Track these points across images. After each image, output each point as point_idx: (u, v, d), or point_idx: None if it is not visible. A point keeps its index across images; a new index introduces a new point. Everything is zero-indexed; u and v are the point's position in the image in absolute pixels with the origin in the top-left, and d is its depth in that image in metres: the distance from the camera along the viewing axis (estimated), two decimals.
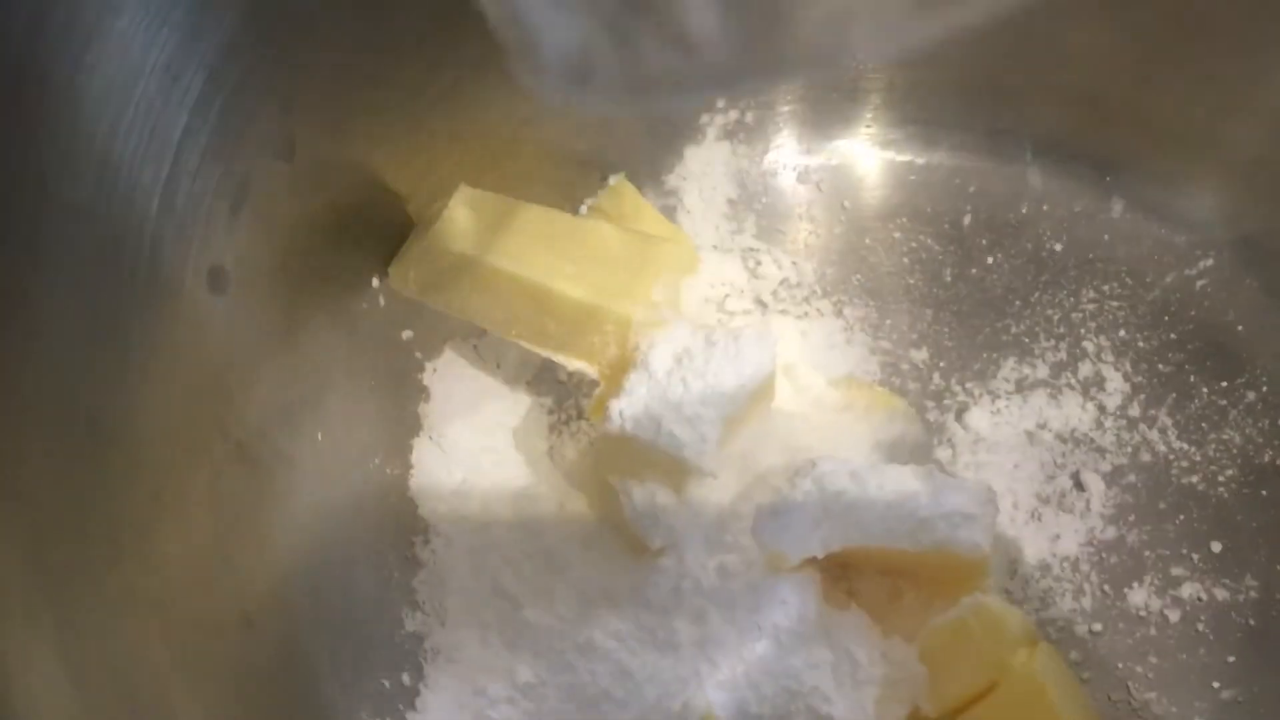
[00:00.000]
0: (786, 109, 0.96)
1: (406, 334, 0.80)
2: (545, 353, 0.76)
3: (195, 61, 0.57)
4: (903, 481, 0.68)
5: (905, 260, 0.92)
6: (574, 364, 0.75)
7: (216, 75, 0.59)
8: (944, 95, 0.94)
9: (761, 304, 0.90)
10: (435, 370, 0.82)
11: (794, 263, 0.92)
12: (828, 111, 0.96)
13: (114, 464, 0.50)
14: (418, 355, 0.80)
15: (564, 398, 0.83)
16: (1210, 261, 0.90)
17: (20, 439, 0.46)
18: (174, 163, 0.57)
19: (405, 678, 0.70)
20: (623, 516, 0.69)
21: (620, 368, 0.71)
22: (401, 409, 0.79)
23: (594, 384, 0.75)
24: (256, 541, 0.60)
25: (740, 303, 0.89)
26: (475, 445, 0.77)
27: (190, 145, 0.58)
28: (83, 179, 0.51)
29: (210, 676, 0.53)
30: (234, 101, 0.61)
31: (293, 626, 0.61)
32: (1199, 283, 0.89)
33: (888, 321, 0.90)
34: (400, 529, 0.74)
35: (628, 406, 0.68)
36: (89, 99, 0.51)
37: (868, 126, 0.96)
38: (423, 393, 0.81)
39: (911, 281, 0.92)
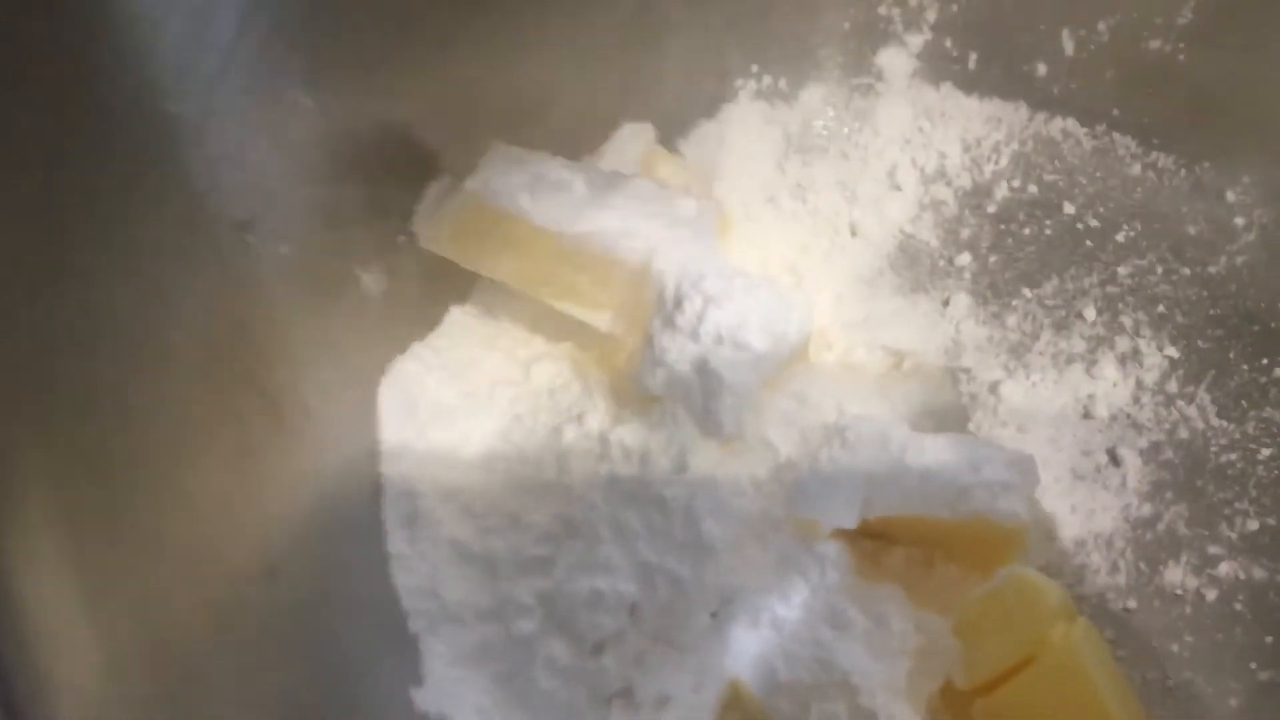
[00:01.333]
0: (821, 72, 0.94)
1: (433, 289, 0.78)
2: (573, 310, 0.74)
3: (226, 5, 0.56)
4: (941, 449, 0.67)
5: (941, 229, 0.91)
6: (602, 320, 0.73)
7: (246, 20, 0.57)
8: (983, 60, 0.93)
9: (795, 269, 0.88)
10: (446, 325, 0.80)
11: (828, 226, 0.90)
12: (862, 74, 0.95)
13: (138, 402, 0.48)
14: (443, 310, 0.78)
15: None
16: (1252, 237, 0.88)
17: (45, 368, 0.44)
18: (204, 105, 0.55)
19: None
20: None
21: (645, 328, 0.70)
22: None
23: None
24: (282, 493, 0.59)
25: (774, 266, 0.87)
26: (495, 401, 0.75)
27: (221, 88, 0.57)
28: (115, 117, 0.49)
29: (235, 625, 0.52)
30: (264, 46, 0.60)
31: (315, 579, 0.60)
32: (1240, 258, 0.88)
33: (922, 290, 0.88)
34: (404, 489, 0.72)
35: (658, 368, 0.67)
36: (121, 38, 0.50)
37: (903, 88, 0.94)
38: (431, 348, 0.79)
39: (946, 251, 0.90)
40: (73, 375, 0.45)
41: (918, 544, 0.72)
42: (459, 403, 0.74)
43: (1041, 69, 0.92)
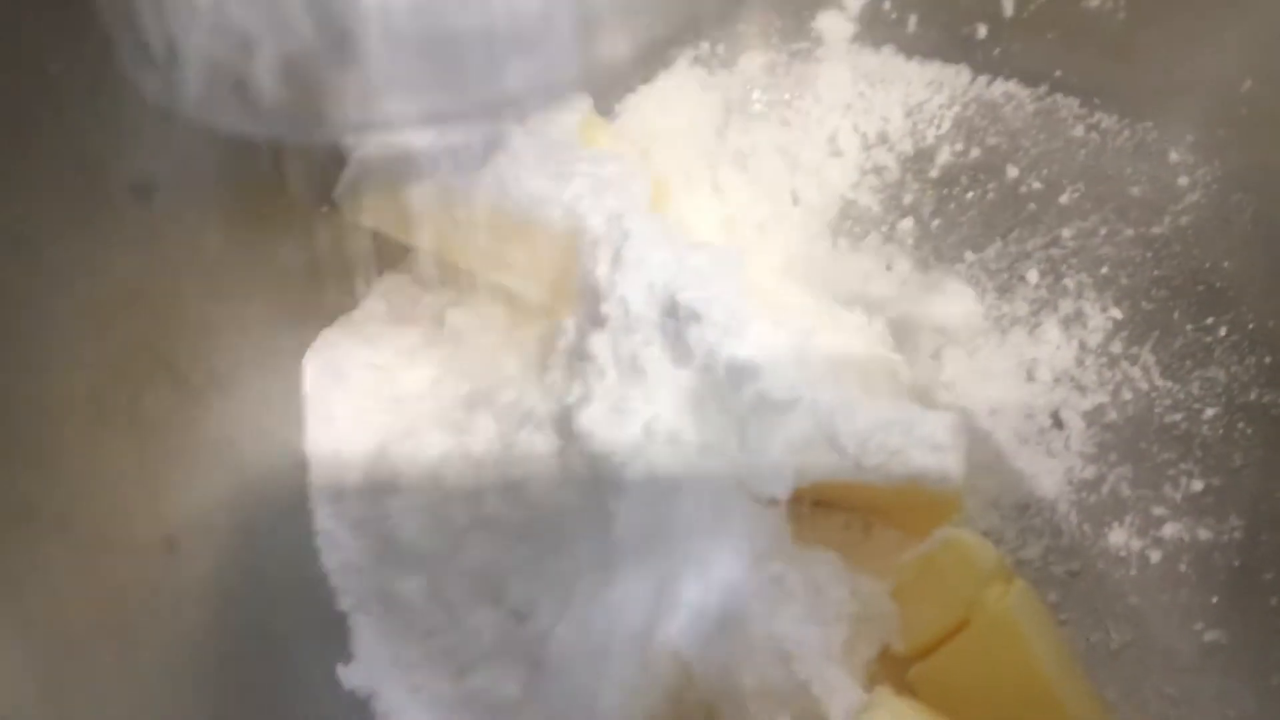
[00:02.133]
0: (760, 38, 0.93)
1: (351, 256, 0.76)
2: (504, 280, 0.73)
3: None
4: (870, 414, 0.66)
5: (883, 195, 0.90)
6: (532, 289, 0.72)
7: None
8: (922, 22, 0.91)
9: (736, 238, 0.87)
10: (373, 296, 0.79)
11: (769, 194, 0.89)
12: (801, 39, 0.93)
13: (15, 366, 0.46)
14: (359, 280, 0.77)
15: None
16: (1196, 197, 0.87)
17: None
18: (100, 64, 0.53)
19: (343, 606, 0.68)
20: None
21: (576, 293, 0.68)
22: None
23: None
24: (184, 464, 0.57)
25: (711, 234, 0.86)
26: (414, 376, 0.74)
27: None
28: None
29: (123, 599, 0.50)
30: None
31: (223, 554, 0.58)
32: (1184, 218, 0.87)
33: (862, 254, 0.87)
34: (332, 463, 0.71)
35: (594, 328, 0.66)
36: None
37: (843, 52, 0.93)
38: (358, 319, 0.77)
39: (889, 216, 0.89)
40: None
41: (854, 509, 0.71)
42: (387, 373, 0.73)
43: (982, 31, 0.91)
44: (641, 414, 0.66)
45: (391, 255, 0.77)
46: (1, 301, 0.47)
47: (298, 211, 0.71)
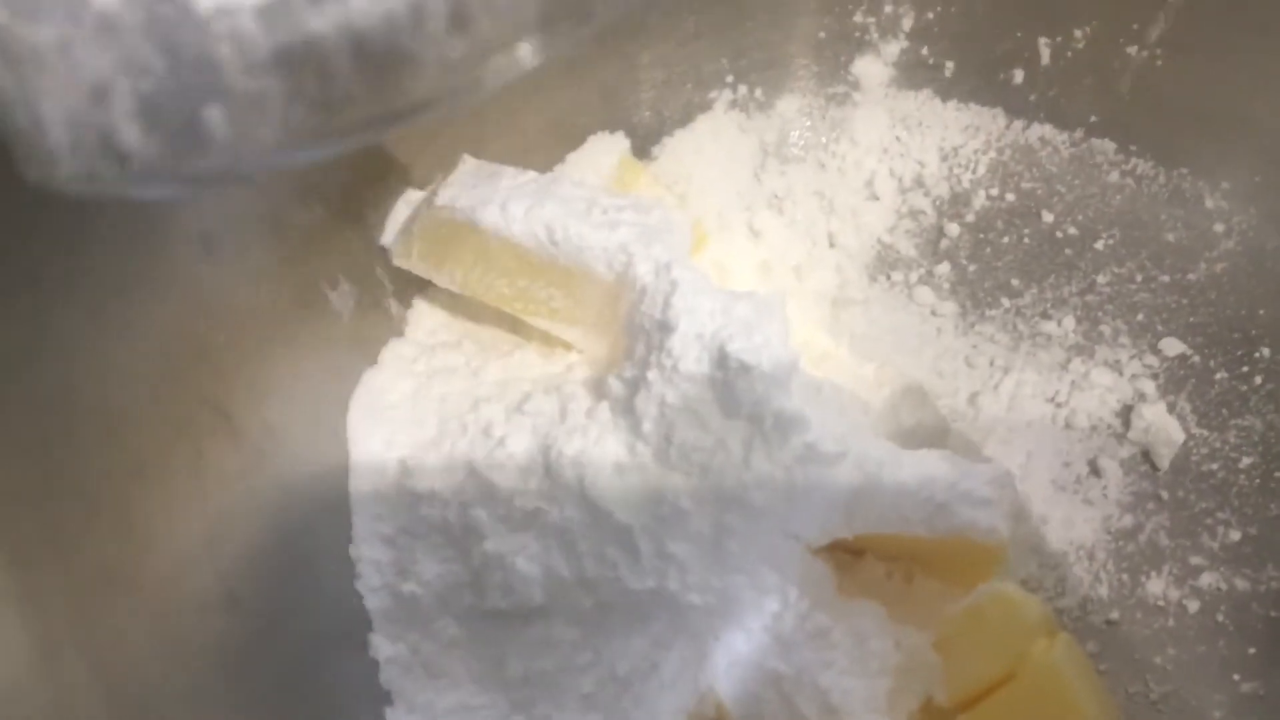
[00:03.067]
0: (797, 81, 0.94)
1: (403, 308, 0.77)
2: (547, 325, 0.73)
3: None
4: (918, 465, 0.66)
5: (919, 239, 0.90)
6: (574, 335, 0.73)
7: None
8: (959, 68, 0.92)
9: (773, 281, 0.87)
10: (424, 330, 0.79)
11: (806, 237, 0.89)
12: (838, 83, 0.94)
13: (89, 434, 0.47)
14: (409, 330, 0.77)
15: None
16: (1231, 244, 0.88)
17: None
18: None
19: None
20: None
21: (620, 340, 0.69)
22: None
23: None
24: (244, 517, 0.57)
25: (751, 278, 0.86)
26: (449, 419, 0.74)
27: None
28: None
29: (192, 658, 0.51)
30: None
31: (278, 605, 0.59)
32: (1219, 265, 0.87)
33: (900, 300, 0.88)
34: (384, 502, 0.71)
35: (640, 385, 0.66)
36: None
37: (880, 97, 0.93)
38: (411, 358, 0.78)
39: (925, 261, 0.89)
40: (20, 401, 0.44)
41: (897, 559, 0.72)
42: (430, 413, 0.73)
43: (1019, 76, 0.91)
44: (691, 463, 0.66)
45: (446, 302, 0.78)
46: (73, 362, 0.47)
47: (344, 261, 0.71)
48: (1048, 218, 0.90)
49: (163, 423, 0.52)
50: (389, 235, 0.75)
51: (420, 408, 0.74)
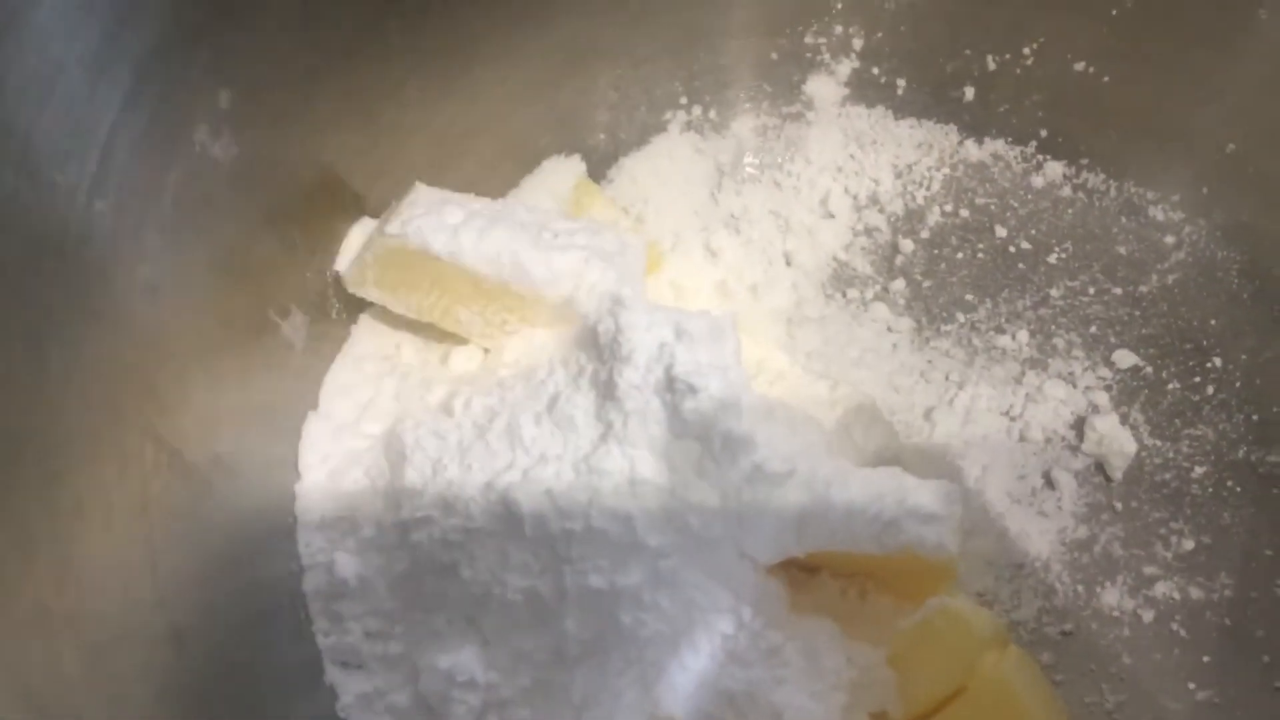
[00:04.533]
0: (751, 102, 0.95)
1: (354, 334, 0.78)
2: (489, 343, 0.74)
3: (122, 55, 0.55)
4: (866, 483, 0.66)
5: (874, 256, 0.91)
6: (516, 348, 0.74)
7: (145, 70, 0.57)
8: (910, 86, 0.93)
9: (729, 300, 0.88)
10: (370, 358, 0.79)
11: (762, 256, 0.90)
12: (792, 102, 0.95)
13: (28, 476, 0.47)
14: (355, 348, 0.78)
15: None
16: (1182, 255, 0.89)
17: None
18: (101, 161, 0.55)
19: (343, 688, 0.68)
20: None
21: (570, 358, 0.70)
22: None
23: None
24: (190, 550, 0.57)
25: (707, 298, 0.87)
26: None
27: (120, 142, 0.56)
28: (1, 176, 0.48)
29: (134, 696, 0.51)
30: (165, 97, 0.59)
31: (228, 638, 0.59)
32: (1170, 277, 0.88)
33: (856, 317, 0.88)
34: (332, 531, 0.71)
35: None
36: (6, 93, 0.49)
37: (833, 116, 0.94)
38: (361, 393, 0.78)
39: (880, 277, 0.90)
40: None
41: (851, 576, 0.72)
42: (379, 434, 0.73)
43: (969, 93, 0.92)
44: (642, 483, 0.66)
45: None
46: (12, 401, 0.48)
47: (295, 290, 0.72)
48: (1001, 232, 0.91)
49: (106, 460, 0.52)
50: (343, 262, 0.75)
51: (368, 428, 0.74)
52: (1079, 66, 0.89)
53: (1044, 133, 0.92)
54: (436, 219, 0.72)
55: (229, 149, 0.63)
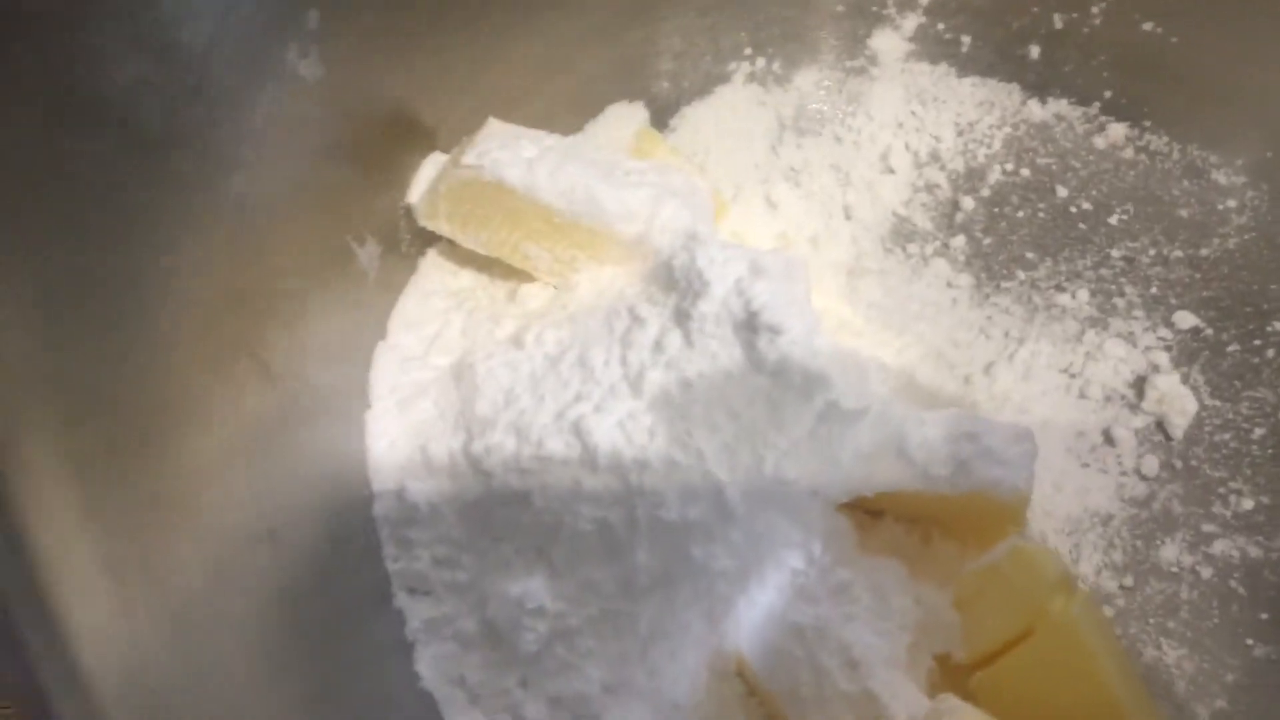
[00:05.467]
0: (815, 55, 0.95)
1: (421, 268, 0.78)
2: (557, 280, 0.75)
3: None
4: (939, 424, 0.66)
5: (934, 213, 0.91)
6: (580, 286, 0.74)
7: None
8: (975, 43, 0.93)
9: (787, 246, 0.88)
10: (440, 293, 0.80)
11: (822, 210, 0.90)
12: (856, 56, 0.95)
13: (138, 358, 0.48)
14: (425, 281, 0.78)
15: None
16: (1244, 220, 0.88)
17: (48, 326, 0.44)
18: (198, 69, 0.55)
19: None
20: None
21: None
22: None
23: None
24: (279, 460, 0.58)
25: (767, 247, 0.87)
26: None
27: (215, 54, 0.56)
28: (113, 83, 0.49)
29: (240, 586, 0.52)
30: (258, 12, 0.59)
31: (314, 549, 0.60)
32: (1232, 240, 0.88)
33: (916, 272, 0.88)
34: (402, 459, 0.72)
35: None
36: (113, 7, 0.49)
37: (896, 71, 0.94)
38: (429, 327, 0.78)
39: (940, 234, 0.90)
40: (73, 333, 0.45)
41: (916, 521, 0.72)
42: (448, 365, 0.74)
43: (1034, 52, 0.92)
44: (715, 418, 0.67)
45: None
46: (124, 297, 0.48)
47: (371, 219, 0.72)
48: (1062, 192, 0.91)
49: (205, 365, 0.53)
50: (415, 194, 0.76)
51: (436, 360, 0.75)
52: (1147, 27, 0.88)
53: (1108, 94, 0.92)
54: (511, 152, 0.72)
55: (315, 69, 0.63)
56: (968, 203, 0.91)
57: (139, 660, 0.43)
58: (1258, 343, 0.84)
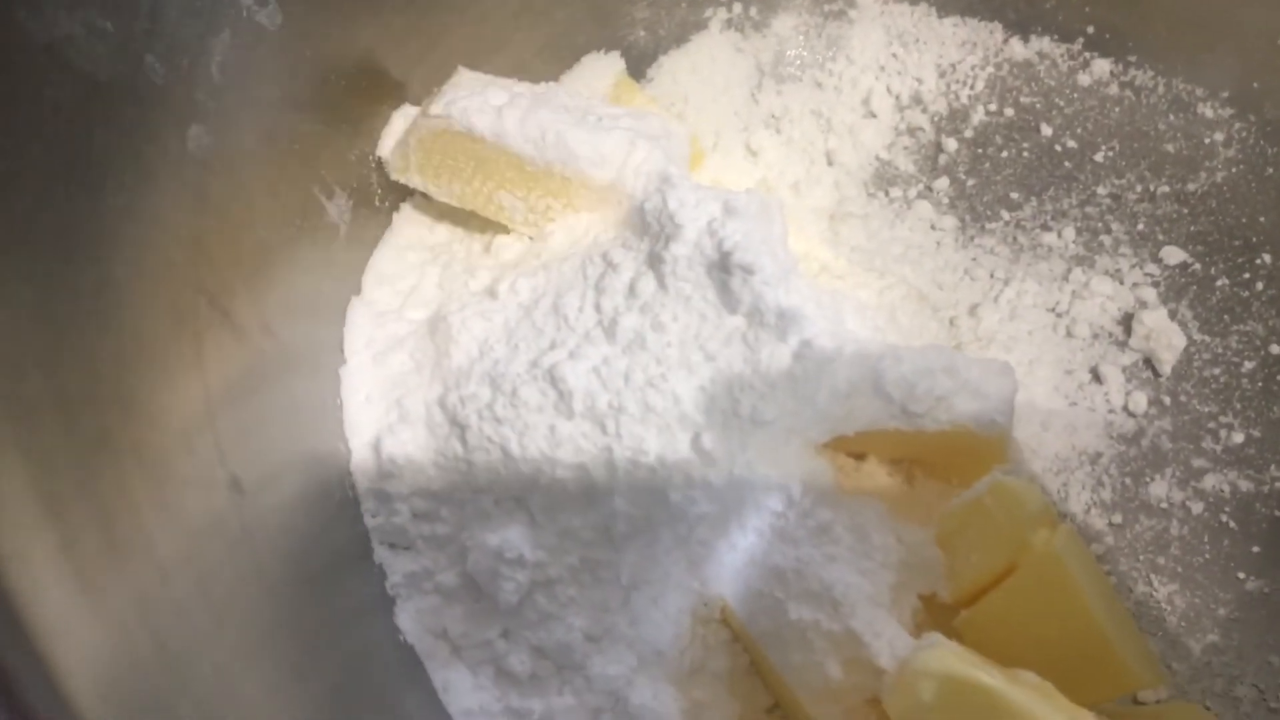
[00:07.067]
0: (792, 1, 0.93)
1: (395, 222, 0.78)
2: (529, 230, 0.74)
3: None
4: (918, 359, 0.65)
5: (917, 155, 0.90)
6: (555, 235, 0.73)
7: None
8: None
9: (768, 193, 0.87)
10: (417, 257, 0.79)
11: (804, 155, 0.89)
12: (833, 0, 0.94)
13: (89, 301, 0.47)
14: (398, 235, 0.77)
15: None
16: (1231, 153, 0.87)
17: None
18: (152, 14, 0.54)
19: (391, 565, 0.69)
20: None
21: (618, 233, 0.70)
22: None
23: None
24: (245, 410, 0.57)
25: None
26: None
27: (167, 5, 0.55)
28: (55, 16, 0.48)
29: (212, 552, 0.51)
30: None
31: (285, 503, 0.59)
32: (1219, 174, 0.87)
33: (899, 215, 0.87)
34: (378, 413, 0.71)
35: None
36: None
37: (875, 13, 0.93)
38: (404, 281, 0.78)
39: (923, 176, 0.89)
40: (20, 270, 0.44)
41: (898, 462, 0.71)
42: (424, 318, 0.73)
43: None
44: (690, 360, 0.66)
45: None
46: (73, 242, 0.47)
47: (340, 171, 0.71)
48: (1046, 131, 0.90)
49: (164, 310, 0.52)
50: (385, 147, 0.75)
51: (412, 314, 0.74)
52: None
53: (1091, 29, 0.90)
54: (480, 100, 0.72)
55: (274, 17, 0.63)
56: (951, 144, 0.90)
57: (108, 640, 0.43)
58: (1246, 276, 0.83)
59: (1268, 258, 0.83)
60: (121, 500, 0.46)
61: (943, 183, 0.88)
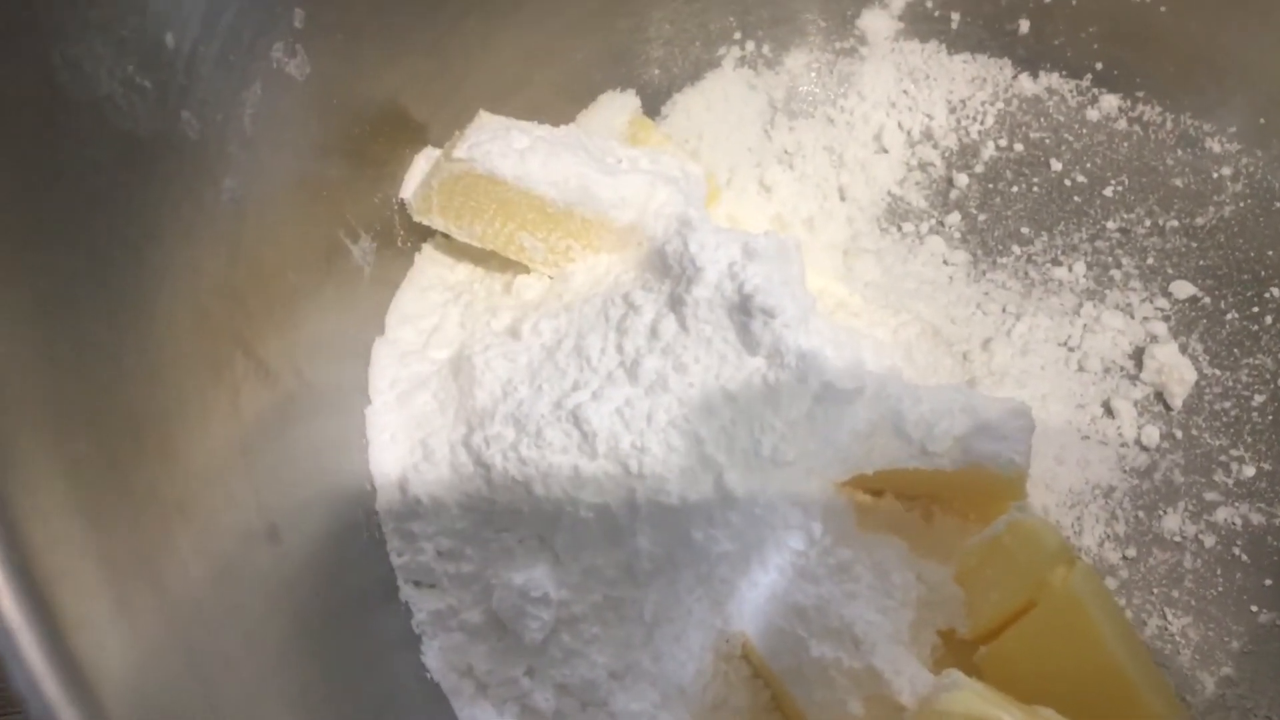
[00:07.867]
0: (804, 37, 0.95)
1: (418, 263, 0.79)
2: (549, 270, 0.75)
3: None
4: (938, 399, 0.67)
5: (929, 191, 0.91)
6: (574, 276, 0.74)
7: None
8: (965, 19, 0.93)
9: (782, 229, 0.88)
10: (439, 297, 0.80)
11: (816, 191, 0.90)
12: (845, 37, 0.95)
13: (133, 360, 0.48)
14: (421, 276, 0.79)
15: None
16: (1239, 187, 0.88)
17: (42, 328, 0.44)
18: (186, 71, 0.55)
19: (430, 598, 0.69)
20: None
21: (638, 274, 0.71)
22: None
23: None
24: (279, 457, 0.59)
25: (762, 230, 0.87)
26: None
27: (202, 54, 0.57)
28: (101, 89, 0.49)
29: (242, 585, 0.52)
30: (244, 13, 0.60)
31: (317, 547, 0.60)
32: (1228, 209, 0.88)
33: (911, 250, 0.88)
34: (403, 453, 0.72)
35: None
36: (98, 13, 0.50)
37: (886, 50, 0.94)
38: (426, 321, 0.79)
39: (935, 211, 0.90)
40: (68, 335, 0.45)
41: (916, 498, 0.72)
42: (446, 358, 0.74)
43: (1024, 26, 0.92)
44: (711, 401, 0.67)
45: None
46: (116, 304, 0.48)
47: (364, 215, 0.72)
48: (1056, 166, 0.91)
49: (201, 364, 0.53)
50: (408, 189, 0.76)
51: (435, 354, 0.75)
52: None
53: (1099, 65, 0.91)
54: (503, 144, 0.73)
55: (303, 68, 0.64)
56: (962, 179, 0.91)
57: (140, 661, 0.44)
58: (1256, 309, 0.84)
59: (1276, 291, 0.84)
60: (166, 551, 0.47)
61: (954, 218, 0.89)
